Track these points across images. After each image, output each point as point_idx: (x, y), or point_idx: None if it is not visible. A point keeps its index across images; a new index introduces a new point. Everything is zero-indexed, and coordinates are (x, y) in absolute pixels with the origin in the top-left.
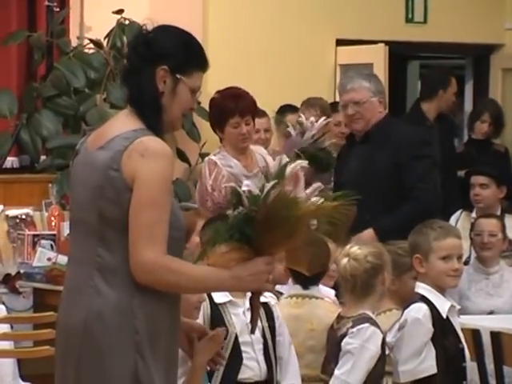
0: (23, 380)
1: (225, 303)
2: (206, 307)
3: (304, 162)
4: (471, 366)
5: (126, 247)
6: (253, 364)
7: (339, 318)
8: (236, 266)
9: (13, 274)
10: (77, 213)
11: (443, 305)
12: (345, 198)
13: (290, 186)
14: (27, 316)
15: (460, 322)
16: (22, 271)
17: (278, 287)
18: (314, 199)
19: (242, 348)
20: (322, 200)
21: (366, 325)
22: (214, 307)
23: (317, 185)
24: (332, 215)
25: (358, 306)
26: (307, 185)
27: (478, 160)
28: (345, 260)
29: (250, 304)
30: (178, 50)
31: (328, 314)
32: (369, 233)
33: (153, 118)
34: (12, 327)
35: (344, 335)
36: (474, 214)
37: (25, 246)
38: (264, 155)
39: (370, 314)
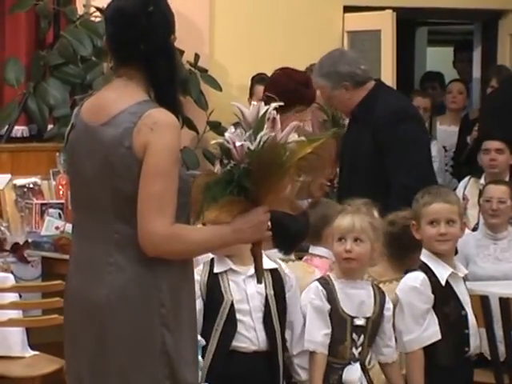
0: (32, 349)
1: (225, 271)
2: (203, 275)
3: (276, 104)
4: (480, 332)
5: None
6: (250, 333)
7: None
8: (235, 219)
9: (21, 243)
10: (83, 187)
11: (442, 272)
12: (327, 135)
13: (272, 131)
14: (36, 285)
15: (469, 288)
16: (30, 240)
17: None
18: (294, 138)
19: (239, 317)
20: (303, 138)
21: None
22: (213, 275)
23: (294, 123)
24: (315, 151)
25: None
26: None
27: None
28: None
29: (253, 254)
30: (172, 16)
31: (306, 274)
32: None
33: (173, 92)
34: (21, 296)
35: None
36: (482, 181)
37: (33, 215)
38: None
39: None
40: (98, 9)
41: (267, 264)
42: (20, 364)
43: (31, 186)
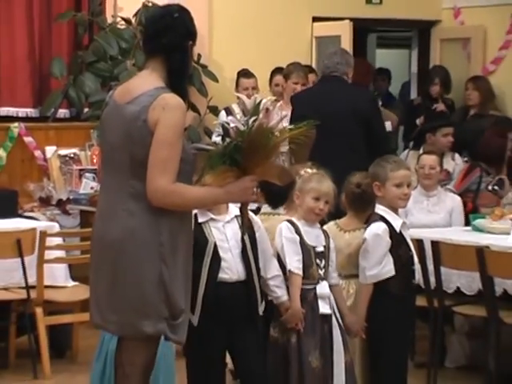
0: (73, 280)
1: (207, 221)
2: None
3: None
4: (417, 268)
5: None
6: (231, 266)
7: None
8: (228, 184)
9: (64, 199)
10: (110, 152)
11: (397, 222)
12: (306, 125)
13: (264, 119)
14: (75, 231)
15: (409, 234)
16: (71, 197)
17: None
18: (283, 125)
19: (221, 254)
20: (289, 126)
21: None
22: (197, 225)
23: (283, 113)
24: (297, 138)
25: None
26: None
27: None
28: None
29: (240, 212)
30: (194, 28)
31: None
32: None
33: (183, 82)
34: (64, 240)
35: None
36: (421, 151)
37: (73, 178)
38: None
39: None
40: (122, 18)
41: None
42: (64, 292)
43: (72, 155)
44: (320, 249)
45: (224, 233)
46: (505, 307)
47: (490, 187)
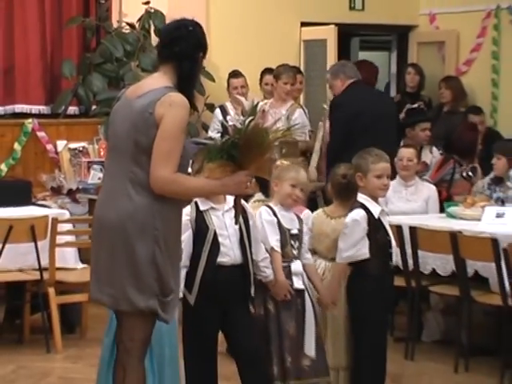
0: (82, 262)
1: (207, 209)
2: (192, 213)
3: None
4: (396, 251)
5: None
6: (229, 251)
7: None
8: (224, 177)
9: (74, 188)
10: (115, 141)
11: (375, 209)
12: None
13: (260, 119)
14: (84, 218)
15: (388, 220)
16: (80, 187)
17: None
18: (277, 127)
19: (221, 240)
20: (283, 129)
21: None
22: (199, 213)
23: (277, 116)
24: (287, 139)
25: None
26: None
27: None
28: None
29: (234, 203)
30: (205, 41)
31: None
32: None
33: (191, 88)
34: (74, 226)
35: None
36: (401, 144)
37: (82, 169)
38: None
39: None
40: (127, 23)
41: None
42: (74, 273)
43: (81, 149)
44: (294, 231)
45: (223, 221)
46: (476, 287)
47: (464, 174)
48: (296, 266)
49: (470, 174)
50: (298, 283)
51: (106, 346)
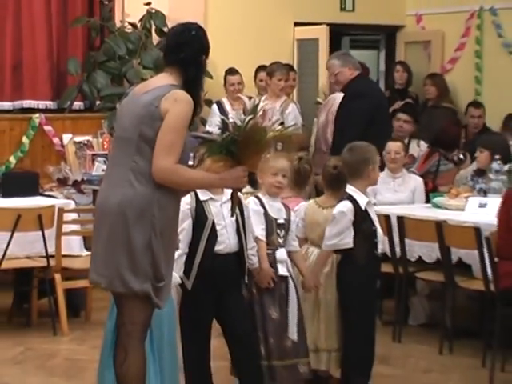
0: (86, 250)
1: (207, 200)
2: (192, 203)
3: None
4: (384, 239)
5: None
6: (226, 240)
7: None
8: (223, 172)
9: (79, 180)
10: (121, 132)
11: (363, 201)
12: (293, 129)
13: (260, 118)
14: (89, 208)
15: (377, 210)
16: (85, 178)
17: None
18: (275, 127)
19: (218, 230)
20: (280, 128)
21: None
22: (199, 203)
23: (276, 118)
24: (284, 138)
25: None
26: None
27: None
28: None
29: (231, 196)
30: (208, 43)
31: None
32: None
33: (197, 90)
34: (79, 215)
35: None
36: None
37: (86, 162)
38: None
39: None
40: (129, 23)
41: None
42: (79, 260)
43: (85, 142)
44: (281, 221)
45: (221, 211)
46: (459, 273)
47: (455, 158)
48: (281, 254)
49: (462, 157)
50: (282, 270)
51: (108, 329)
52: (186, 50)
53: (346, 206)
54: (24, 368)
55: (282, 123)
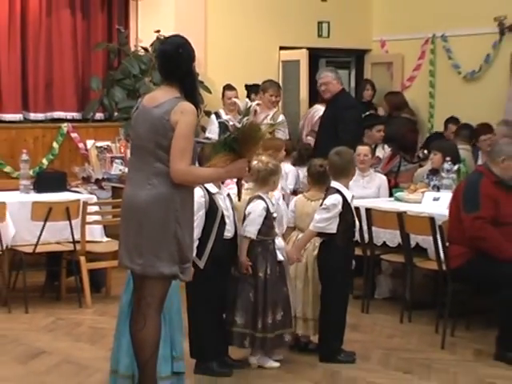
0: (106, 237)
1: (215, 193)
2: (205, 195)
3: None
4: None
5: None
6: (229, 228)
7: None
8: (228, 165)
9: (100, 178)
10: (139, 142)
11: (348, 195)
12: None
13: (254, 118)
14: (108, 201)
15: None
16: (105, 177)
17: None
18: (266, 122)
19: (225, 219)
20: (269, 123)
21: None
22: (210, 196)
23: (265, 114)
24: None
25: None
26: None
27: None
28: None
29: (237, 184)
30: (193, 52)
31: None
32: None
33: (196, 97)
34: (100, 208)
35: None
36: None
37: (106, 163)
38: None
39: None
40: (142, 47)
41: (231, 191)
42: (100, 245)
43: (105, 146)
44: (275, 215)
45: (226, 203)
46: (417, 255)
47: (420, 154)
48: (279, 241)
49: (426, 152)
50: (280, 256)
51: (124, 302)
52: (179, 67)
53: (337, 199)
54: (55, 335)
55: (272, 125)
